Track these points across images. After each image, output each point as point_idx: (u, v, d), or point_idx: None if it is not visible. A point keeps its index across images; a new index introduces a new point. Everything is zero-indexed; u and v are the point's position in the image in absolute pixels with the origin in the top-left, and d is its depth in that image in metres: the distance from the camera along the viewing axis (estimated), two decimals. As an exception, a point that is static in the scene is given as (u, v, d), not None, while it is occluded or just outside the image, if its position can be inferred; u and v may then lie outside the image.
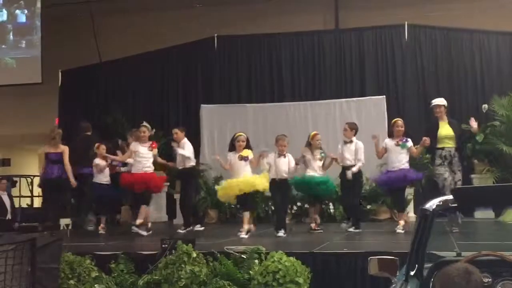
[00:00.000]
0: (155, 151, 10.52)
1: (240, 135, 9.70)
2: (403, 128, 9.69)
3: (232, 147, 9.72)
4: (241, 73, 14.26)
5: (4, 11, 15.04)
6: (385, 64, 13.68)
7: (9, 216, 13.24)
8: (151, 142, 10.46)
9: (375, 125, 12.89)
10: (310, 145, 9.99)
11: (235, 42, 14.33)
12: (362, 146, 9.90)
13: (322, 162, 9.91)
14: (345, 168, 9.79)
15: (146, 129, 10.41)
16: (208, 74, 14.25)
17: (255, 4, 14.51)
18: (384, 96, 13.15)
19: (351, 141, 9.90)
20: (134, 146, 10.39)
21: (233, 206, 12.79)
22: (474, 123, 9.34)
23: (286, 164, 9.61)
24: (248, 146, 9.69)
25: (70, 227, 11.54)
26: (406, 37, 13.53)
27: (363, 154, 9.87)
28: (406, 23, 13.49)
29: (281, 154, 9.64)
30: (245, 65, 14.29)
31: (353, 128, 10.05)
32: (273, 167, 9.57)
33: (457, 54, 13.40)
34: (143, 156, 10.27)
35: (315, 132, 10.26)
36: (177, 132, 10.81)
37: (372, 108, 13.10)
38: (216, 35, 14.15)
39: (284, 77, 14.09)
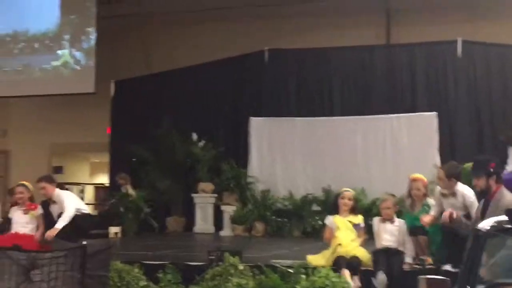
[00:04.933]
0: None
1: (347, 191, 7.63)
2: None
3: (335, 208, 7.63)
4: (291, 86, 14.25)
5: (60, 21, 15.40)
6: (437, 80, 13.49)
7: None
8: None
9: (426, 142, 12.76)
10: (410, 196, 7.51)
11: (286, 56, 14.33)
12: (472, 195, 6.63)
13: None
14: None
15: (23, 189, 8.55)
16: (258, 87, 14.29)
17: (307, 18, 14.52)
18: (436, 112, 12.95)
19: (453, 193, 6.88)
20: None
21: (279, 219, 12.80)
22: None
23: (392, 232, 7.30)
24: (356, 207, 7.64)
25: (118, 236, 11.75)
26: (459, 53, 13.32)
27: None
28: (459, 39, 13.29)
29: (386, 219, 7.43)
30: (295, 78, 14.28)
31: (452, 175, 6.96)
32: (377, 235, 7.41)
33: (511, 71, 13.13)
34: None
35: (415, 175, 7.66)
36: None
37: (423, 125, 12.93)
38: (267, 48, 14.19)
39: (334, 91, 14.03)
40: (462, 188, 6.77)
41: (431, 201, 7.32)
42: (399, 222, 7.37)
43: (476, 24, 13.48)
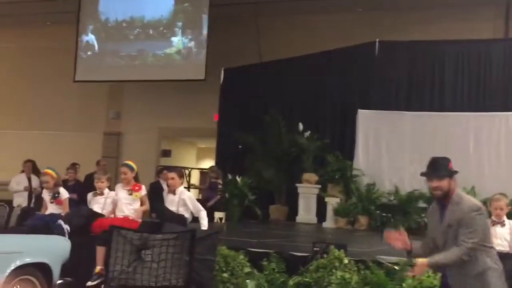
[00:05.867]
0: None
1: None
2: None
3: None
4: (401, 79, 13.92)
5: (174, 8, 15.78)
6: (558, 77, 12.80)
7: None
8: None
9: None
10: None
11: (397, 48, 14.01)
12: None
13: None
14: None
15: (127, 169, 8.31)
16: (367, 79, 14.06)
17: (420, 10, 14.17)
18: (555, 111, 12.31)
19: None
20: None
21: (384, 214, 12.58)
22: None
23: (503, 236, 6.94)
24: None
25: (223, 221, 11.94)
26: None
27: None
28: None
29: (496, 221, 7.00)
30: (406, 71, 13.93)
31: None
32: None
33: None
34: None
35: None
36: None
37: (541, 124, 12.31)
38: (378, 40, 13.93)
39: (446, 86, 13.58)
40: None
41: None
42: (509, 223, 7.01)
43: None
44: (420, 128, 13.18)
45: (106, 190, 8.41)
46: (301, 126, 13.81)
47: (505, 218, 7.02)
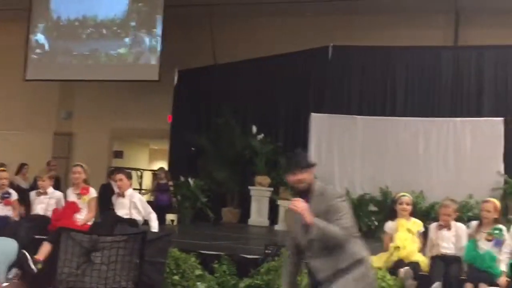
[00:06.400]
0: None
1: (404, 196, 7.30)
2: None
3: (392, 213, 7.37)
4: (354, 84, 14.12)
5: (128, 8, 15.63)
6: (505, 85, 13.14)
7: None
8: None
9: (490, 148, 12.45)
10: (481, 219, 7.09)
11: (350, 53, 14.20)
12: None
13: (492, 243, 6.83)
14: None
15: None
16: (320, 83, 14.21)
17: (372, 15, 14.35)
18: (502, 118, 12.61)
19: None
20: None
21: (366, 219, 12.61)
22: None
23: (449, 239, 7.04)
24: (414, 212, 7.37)
25: (175, 223, 11.89)
26: (530, 58, 12.94)
27: None
28: (531, 43, 12.92)
29: (443, 226, 7.14)
30: (358, 76, 14.14)
31: None
32: (433, 242, 7.11)
33: None
34: None
35: (485, 200, 7.34)
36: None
37: (488, 130, 12.59)
38: (331, 44, 14.08)
39: (397, 91, 13.84)
40: None
41: (502, 226, 6.93)
42: (456, 227, 7.14)
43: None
44: (371, 132, 13.35)
45: (50, 189, 8.22)
46: (254, 129, 13.87)
47: (452, 222, 7.17)
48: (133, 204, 7.75)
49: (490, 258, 6.71)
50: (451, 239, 7.06)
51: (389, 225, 7.32)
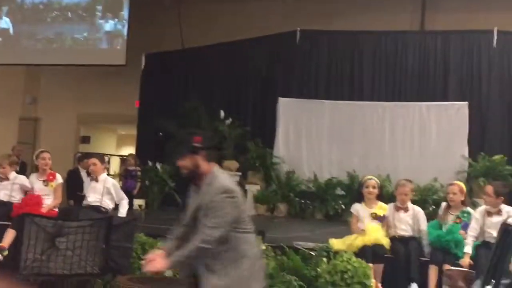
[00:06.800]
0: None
1: (370, 179, 7.40)
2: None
3: (359, 196, 7.49)
4: (321, 68, 14.16)
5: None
6: (470, 69, 13.28)
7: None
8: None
9: (455, 132, 12.63)
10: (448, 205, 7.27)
11: (317, 37, 14.23)
12: None
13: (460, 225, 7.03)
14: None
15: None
16: (288, 67, 14.22)
17: (341, 0, 14.38)
18: (467, 102, 12.78)
19: (499, 212, 6.74)
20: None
21: (302, 201, 12.80)
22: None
23: (406, 221, 7.23)
24: (380, 194, 7.45)
25: (143, 208, 11.84)
26: (494, 43, 13.10)
27: None
28: (495, 28, 13.06)
29: (400, 207, 7.32)
30: (326, 61, 14.18)
31: (501, 193, 6.84)
32: (391, 223, 7.28)
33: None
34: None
35: (451, 183, 7.57)
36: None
37: (453, 114, 12.77)
38: (299, 29, 14.09)
39: (364, 75, 13.91)
40: (509, 208, 6.64)
41: (470, 209, 7.14)
42: (413, 209, 7.30)
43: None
44: (338, 116, 13.44)
45: (13, 175, 8.11)
46: (222, 113, 13.82)
47: (409, 203, 7.29)
48: (106, 190, 7.67)
49: (457, 228, 6.87)
50: (409, 221, 7.20)
51: (355, 207, 7.41)
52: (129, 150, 15.58)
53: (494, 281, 3.80)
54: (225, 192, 3.88)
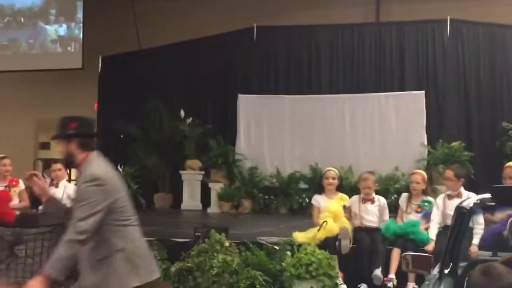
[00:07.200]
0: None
1: (330, 171, 7.46)
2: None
3: (320, 188, 7.58)
4: (279, 64, 14.19)
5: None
6: (426, 59, 13.45)
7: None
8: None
9: (413, 121, 12.79)
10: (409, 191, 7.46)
11: (274, 33, 14.25)
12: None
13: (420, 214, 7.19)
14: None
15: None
16: (246, 64, 14.23)
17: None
18: (424, 91, 12.96)
19: (459, 195, 6.80)
20: None
21: (266, 197, 12.84)
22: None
23: (373, 212, 7.30)
24: (341, 185, 7.58)
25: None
26: (448, 32, 13.30)
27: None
28: (448, 18, 13.26)
29: (366, 199, 7.39)
30: (284, 56, 14.22)
31: (461, 175, 7.03)
32: (357, 214, 7.32)
33: (500, 51, 13.10)
34: None
35: (413, 171, 7.77)
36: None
37: (411, 103, 12.92)
38: (255, 25, 14.11)
39: (322, 69, 13.99)
40: (469, 193, 6.66)
41: (431, 198, 7.25)
42: (379, 200, 7.38)
43: (466, 2, 13.42)
44: (299, 111, 13.50)
45: None
46: (182, 113, 13.77)
47: (374, 195, 7.37)
48: (66, 195, 7.62)
49: (412, 225, 6.97)
50: (376, 212, 7.27)
51: (316, 199, 7.45)
52: (90, 154, 15.37)
53: (452, 264, 3.86)
54: (93, 180, 3.67)
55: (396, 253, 6.76)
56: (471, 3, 13.36)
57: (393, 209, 7.98)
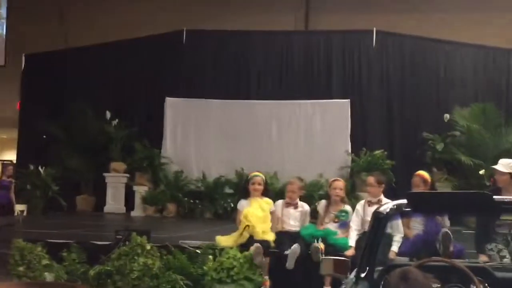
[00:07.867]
0: None
1: (256, 176, 7.39)
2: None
3: (246, 192, 7.47)
4: (209, 68, 14.16)
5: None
6: (352, 68, 13.73)
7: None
8: None
9: (338, 128, 13.01)
10: (329, 197, 7.42)
11: (203, 37, 14.20)
12: None
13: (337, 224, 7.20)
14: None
15: None
16: (175, 67, 14.11)
17: (230, 1, 14.45)
18: (349, 100, 13.20)
19: (379, 201, 6.72)
20: None
21: (192, 201, 12.78)
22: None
23: (295, 217, 7.32)
24: (266, 190, 7.47)
25: (24, 213, 11.40)
26: (374, 43, 13.60)
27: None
28: (374, 29, 13.56)
29: (290, 203, 7.38)
30: (213, 60, 14.20)
31: (382, 181, 7.14)
32: (279, 218, 7.31)
33: (423, 64, 13.51)
34: None
35: (335, 178, 7.80)
36: None
37: (337, 111, 13.17)
38: (185, 28, 14.03)
39: (251, 75, 14.05)
40: (388, 199, 6.42)
41: (348, 208, 7.28)
42: (302, 206, 7.40)
43: (392, 16, 13.78)
44: (226, 116, 13.52)
45: None
46: (108, 114, 13.53)
47: (298, 200, 7.41)
48: None
49: (330, 232, 7.03)
50: (298, 217, 7.30)
51: (241, 204, 7.41)
52: (11, 154, 14.95)
53: (368, 268, 3.90)
54: None
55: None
56: (397, 17, 13.72)
57: (316, 215, 8.05)
